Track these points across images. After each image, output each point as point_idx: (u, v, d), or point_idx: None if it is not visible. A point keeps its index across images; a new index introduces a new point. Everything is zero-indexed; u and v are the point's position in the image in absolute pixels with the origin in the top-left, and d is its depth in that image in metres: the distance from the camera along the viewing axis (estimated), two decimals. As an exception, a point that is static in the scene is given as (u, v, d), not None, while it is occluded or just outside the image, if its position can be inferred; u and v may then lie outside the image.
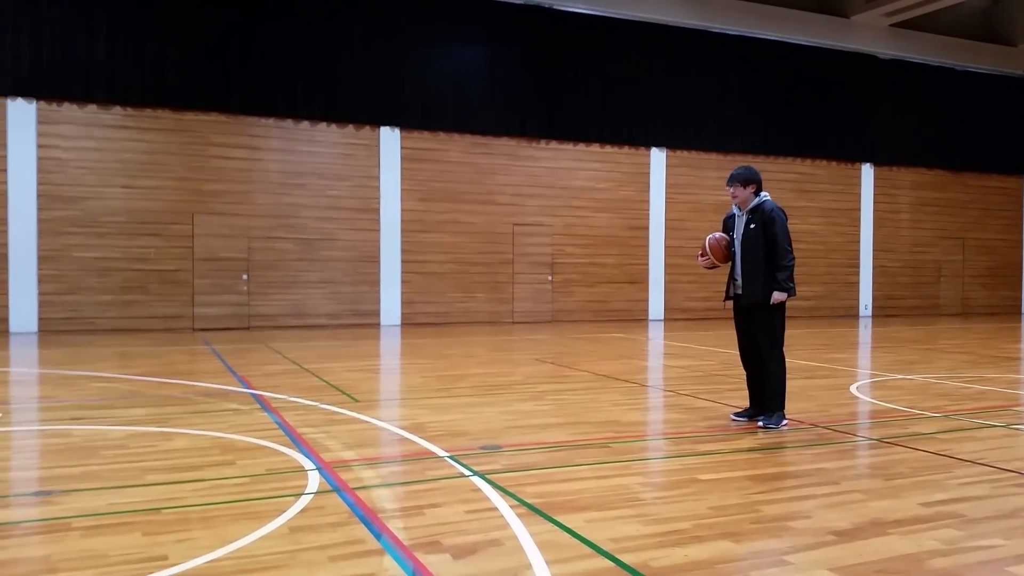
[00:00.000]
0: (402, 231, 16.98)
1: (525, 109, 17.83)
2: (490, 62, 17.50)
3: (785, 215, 6.09)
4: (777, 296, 5.91)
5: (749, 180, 6.10)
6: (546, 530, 3.65)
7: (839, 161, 21.30)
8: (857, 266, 21.65)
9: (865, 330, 17.08)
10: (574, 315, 18.52)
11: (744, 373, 6.38)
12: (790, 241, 6.02)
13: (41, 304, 14.46)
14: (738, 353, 6.42)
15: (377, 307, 16.83)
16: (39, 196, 14.43)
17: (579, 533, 3.61)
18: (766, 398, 6.08)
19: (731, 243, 6.18)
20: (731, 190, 6.14)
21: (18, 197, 14.29)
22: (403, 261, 17.02)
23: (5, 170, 14.23)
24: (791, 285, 5.94)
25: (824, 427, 6.13)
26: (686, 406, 7.09)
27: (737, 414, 6.34)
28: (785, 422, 6.07)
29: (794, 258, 6.00)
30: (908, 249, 22.29)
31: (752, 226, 6.02)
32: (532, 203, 18.12)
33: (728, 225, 6.31)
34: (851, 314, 21.45)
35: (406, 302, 17.06)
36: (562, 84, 18.07)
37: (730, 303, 6.32)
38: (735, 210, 6.24)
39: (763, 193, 6.14)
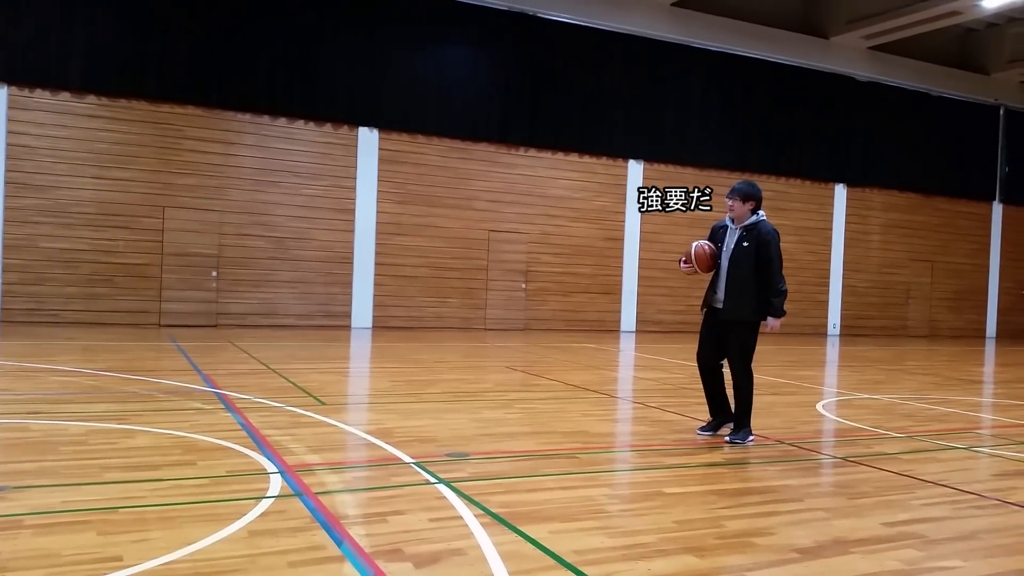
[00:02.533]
0: (377, 233, 16.89)
1: (505, 115, 17.83)
2: (472, 66, 17.49)
3: (779, 237, 6.02)
4: (772, 322, 5.90)
5: (750, 196, 6.01)
6: (510, 540, 3.62)
7: (813, 180, 21.54)
8: (827, 285, 21.88)
9: (833, 348, 17.25)
10: (547, 324, 18.52)
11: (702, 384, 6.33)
12: (783, 265, 5.98)
13: (4, 294, 14.18)
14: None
15: (349, 309, 16.71)
16: (7, 183, 14.17)
17: (543, 544, 3.59)
18: (735, 415, 6.08)
19: (715, 254, 6.08)
20: (729, 202, 6.03)
21: (-15, 184, 14.02)
22: (377, 264, 16.92)
23: (-27, 156, 13.96)
24: (785, 311, 5.95)
25: (790, 444, 6.16)
26: (654, 419, 7.09)
27: (702, 428, 6.31)
28: (752, 438, 6.08)
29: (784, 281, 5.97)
30: (878, 270, 22.59)
31: (745, 244, 5.92)
32: (509, 210, 18.12)
33: (716, 235, 6.17)
34: (819, 332, 21.67)
35: (378, 305, 16.95)
36: (543, 92, 18.10)
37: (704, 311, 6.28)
38: (728, 222, 6.13)
39: (760, 212, 6.05)
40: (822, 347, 17.42)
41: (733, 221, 6.08)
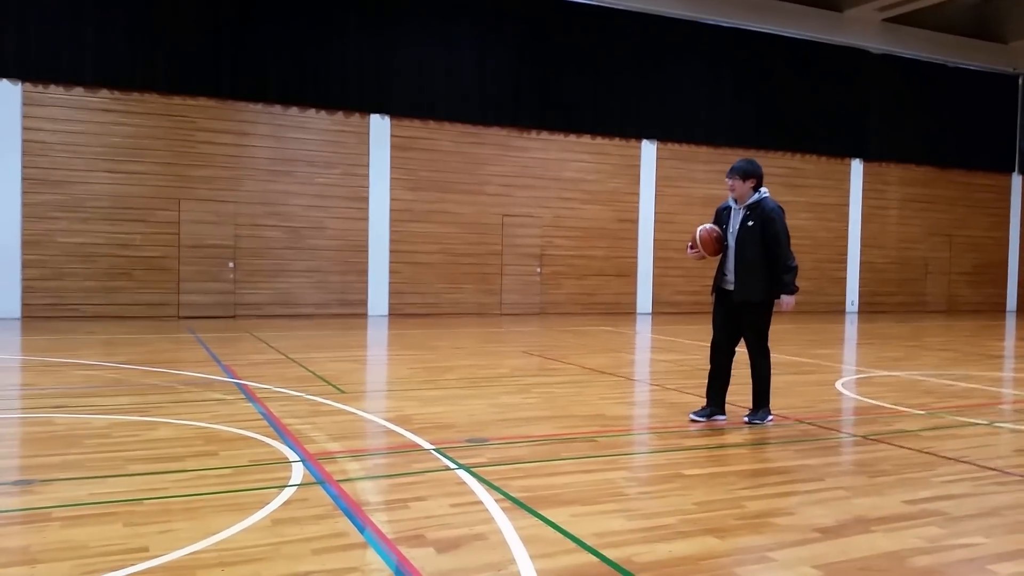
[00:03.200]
0: (391, 220, 16.91)
1: (516, 99, 17.76)
2: (482, 51, 17.41)
3: (784, 213, 5.91)
4: (787, 300, 5.80)
5: (750, 174, 5.87)
6: (530, 524, 3.64)
7: (829, 156, 21.34)
8: (845, 261, 21.73)
9: (851, 326, 17.16)
10: (562, 307, 18.51)
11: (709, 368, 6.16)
12: (790, 241, 5.88)
13: (25, 290, 14.33)
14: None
15: (365, 297, 16.77)
16: (24, 179, 14.28)
17: (563, 528, 3.61)
18: (753, 395, 6.05)
19: (723, 236, 5.98)
20: (730, 182, 5.92)
21: (2, 180, 14.13)
22: (391, 251, 16.95)
23: (-11, 153, 14.07)
24: (797, 287, 5.86)
25: (809, 423, 6.15)
26: (672, 401, 7.09)
27: (696, 412, 6.13)
28: (771, 418, 6.07)
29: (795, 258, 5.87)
30: (895, 245, 22.39)
31: (750, 223, 5.82)
32: (522, 194, 18.08)
33: (721, 217, 6.07)
34: (838, 309, 21.54)
35: (394, 292, 17.00)
36: (554, 74, 18.01)
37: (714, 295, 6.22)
38: (731, 203, 6.01)
39: (763, 189, 5.92)
40: (840, 324, 17.33)
41: (736, 201, 5.97)
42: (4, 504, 3.91)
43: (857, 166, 21.73)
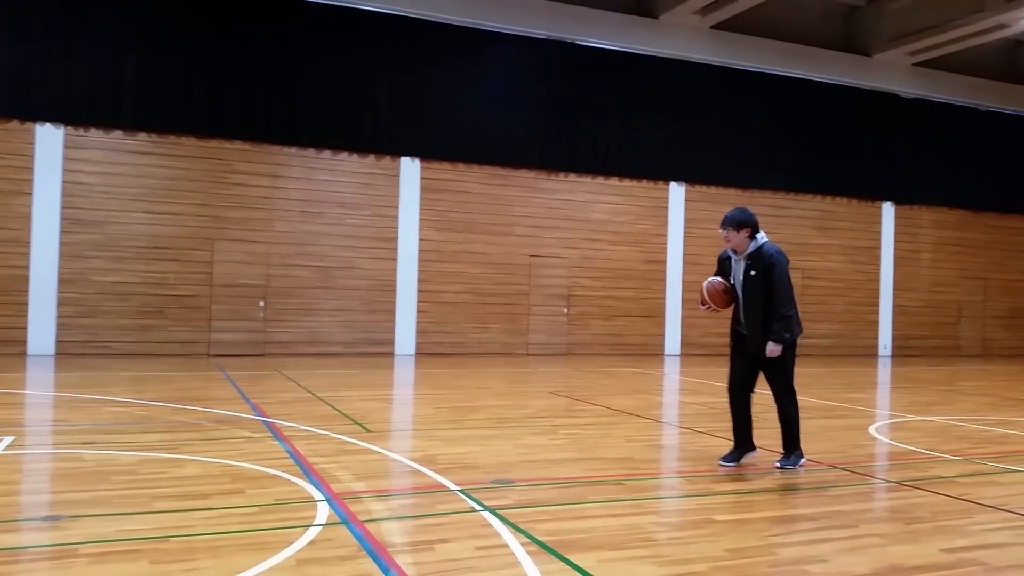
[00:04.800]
0: (419, 261, 17.03)
1: (544, 141, 17.92)
2: (511, 94, 17.63)
3: (786, 258, 5.79)
4: (772, 348, 5.64)
5: (743, 223, 5.74)
6: (557, 569, 3.58)
7: (860, 199, 21.21)
8: (877, 305, 21.44)
9: (884, 370, 16.87)
10: (589, 348, 18.43)
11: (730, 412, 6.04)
12: (791, 286, 5.75)
13: (59, 327, 14.56)
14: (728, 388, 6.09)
15: (392, 336, 16.83)
16: (63, 219, 14.61)
17: (591, 573, 3.54)
18: (784, 440, 5.94)
19: (729, 287, 5.90)
20: (724, 233, 5.80)
21: (42, 220, 14.47)
22: (419, 291, 17.04)
23: (31, 193, 14.42)
24: (787, 336, 5.65)
25: (842, 468, 6.02)
26: (702, 444, 6.99)
27: (724, 458, 5.99)
28: (803, 461, 5.95)
29: (794, 304, 5.73)
30: (929, 288, 22.09)
31: (752, 272, 5.74)
32: (549, 235, 18.14)
33: (724, 268, 5.99)
34: (870, 353, 21.21)
35: (421, 332, 17.05)
36: (582, 117, 18.16)
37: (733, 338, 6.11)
38: (730, 252, 5.93)
39: (760, 235, 5.81)
40: (873, 368, 17.05)
41: (735, 252, 5.88)
42: (34, 539, 3.93)
43: (888, 209, 21.55)
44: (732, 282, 5.93)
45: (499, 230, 17.72)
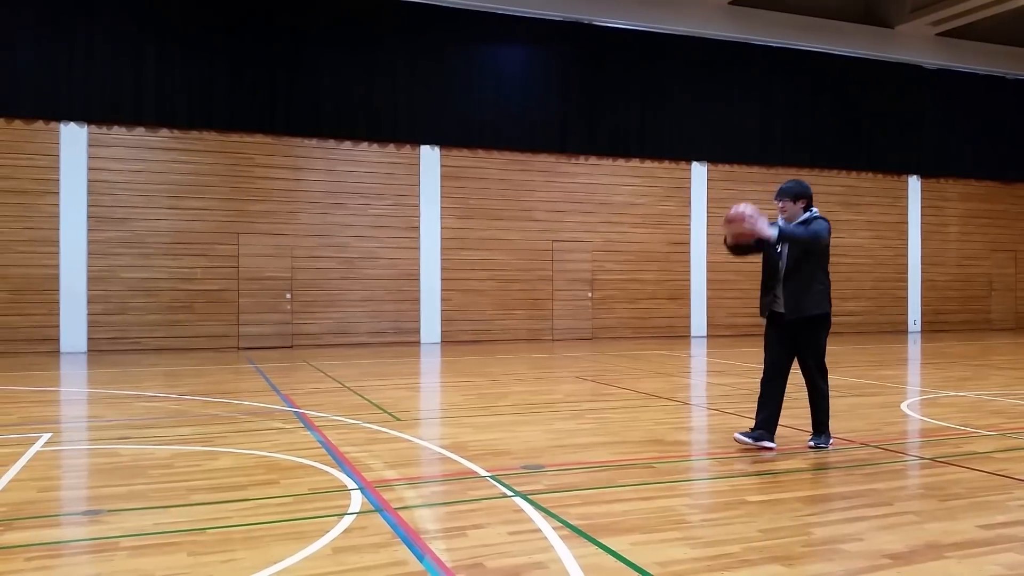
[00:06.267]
0: (442, 248, 17.06)
1: (564, 125, 17.84)
2: (528, 78, 17.55)
3: (829, 229, 5.77)
4: (751, 210, 5.34)
5: (800, 195, 5.82)
6: (590, 553, 3.59)
7: (885, 173, 20.93)
8: (905, 280, 21.19)
9: (914, 346, 16.69)
10: (614, 332, 18.39)
11: (760, 391, 5.91)
12: (828, 250, 5.78)
13: (90, 324, 14.77)
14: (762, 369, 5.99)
15: (417, 325, 16.90)
16: (89, 218, 14.78)
17: (624, 556, 3.55)
18: (816, 419, 5.88)
19: (761, 243, 5.73)
20: (780, 204, 5.85)
21: (69, 219, 14.65)
22: (443, 279, 17.08)
23: (58, 193, 14.61)
24: (800, 235, 5.57)
25: (875, 446, 5.97)
26: (731, 425, 6.96)
27: (743, 433, 5.88)
28: (832, 440, 5.91)
29: (828, 278, 5.75)
30: (957, 262, 21.78)
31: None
32: (571, 219, 18.09)
33: (763, 242, 5.83)
34: (900, 329, 20.99)
35: (446, 320, 17.10)
36: (601, 99, 18.05)
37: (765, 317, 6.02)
38: (781, 223, 5.86)
39: (813, 208, 5.86)
40: (903, 345, 16.87)
41: (786, 223, 5.81)
42: (75, 534, 4.00)
43: (915, 183, 21.25)
44: (777, 249, 5.80)
45: (521, 216, 17.69)
